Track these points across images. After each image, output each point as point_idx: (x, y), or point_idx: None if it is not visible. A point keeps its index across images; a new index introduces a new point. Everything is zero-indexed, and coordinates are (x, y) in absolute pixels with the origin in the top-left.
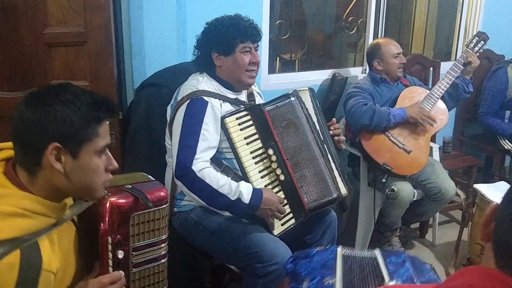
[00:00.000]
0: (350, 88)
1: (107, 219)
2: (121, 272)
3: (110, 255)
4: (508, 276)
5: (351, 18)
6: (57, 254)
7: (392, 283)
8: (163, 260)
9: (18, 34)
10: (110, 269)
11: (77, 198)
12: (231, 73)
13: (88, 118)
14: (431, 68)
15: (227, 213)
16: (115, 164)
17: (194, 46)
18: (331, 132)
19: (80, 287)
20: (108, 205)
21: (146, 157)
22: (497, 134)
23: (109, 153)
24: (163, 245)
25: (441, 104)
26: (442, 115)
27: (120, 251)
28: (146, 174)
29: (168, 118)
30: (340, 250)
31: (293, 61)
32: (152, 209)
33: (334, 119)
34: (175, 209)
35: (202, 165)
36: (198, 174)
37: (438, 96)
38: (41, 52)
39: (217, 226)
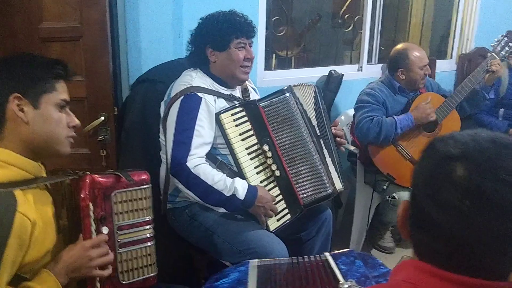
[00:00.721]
0: (362, 93)
1: (87, 189)
2: (105, 236)
3: (93, 224)
4: (438, 268)
5: (347, 15)
6: (34, 210)
7: (347, 283)
8: (149, 243)
9: (13, 28)
10: (94, 236)
11: (45, 155)
12: (226, 69)
13: (45, 72)
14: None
15: (222, 210)
16: (77, 121)
17: (188, 41)
18: (333, 131)
19: (63, 254)
20: (87, 179)
21: (142, 152)
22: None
23: (70, 112)
24: (148, 227)
25: (454, 114)
26: (454, 126)
27: (105, 227)
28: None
29: (162, 115)
30: (252, 262)
31: (289, 58)
32: (134, 188)
33: (337, 120)
34: (169, 205)
35: (197, 161)
36: (193, 170)
37: (453, 106)
38: (36, 47)
39: (212, 223)
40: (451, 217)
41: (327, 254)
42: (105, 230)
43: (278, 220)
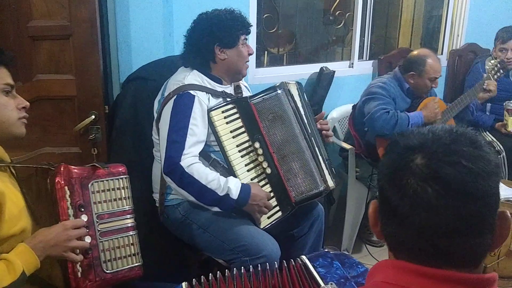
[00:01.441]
0: (374, 86)
1: (62, 176)
2: (83, 219)
3: (71, 211)
4: (413, 264)
5: (338, 12)
6: (2, 185)
7: (328, 286)
8: (131, 232)
9: (1, 27)
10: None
11: (3, 140)
12: (234, 66)
13: None
14: None
15: (215, 208)
16: (25, 102)
17: (189, 42)
18: (318, 126)
19: (42, 230)
20: (62, 167)
21: (133, 150)
22: (478, 126)
23: (18, 95)
24: (128, 216)
25: (452, 122)
26: None
27: (84, 215)
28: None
29: (155, 114)
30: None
31: (281, 55)
32: (111, 178)
33: (323, 111)
34: (163, 203)
35: (190, 160)
36: (186, 170)
37: (454, 113)
38: (25, 45)
39: (204, 220)
40: (416, 206)
41: (304, 257)
42: (84, 217)
43: (268, 218)
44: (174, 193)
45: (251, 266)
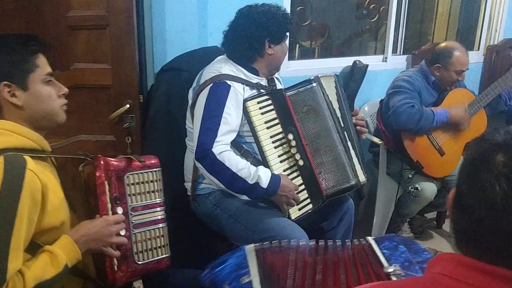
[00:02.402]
0: (399, 79)
1: (102, 170)
2: (123, 216)
3: (109, 204)
4: (476, 261)
5: (372, 5)
6: (44, 176)
7: (392, 267)
8: (161, 225)
9: (41, 16)
10: (110, 213)
11: (46, 128)
12: (277, 61)
13: (22, 53)
14: None
15: (245, 197)
16: (65, 89)
17: (235, 33)
18: (354, 120)
19: (85, 223)
20: (102, 160)
21: (165, 140)
22: None
23: (56, 82)
24: (159, 208)
25: (483, 113)
26: (481, 124)
27: (119, 208)
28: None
29: (190, 101)
30: (248, 247)
31: (313, 48)
32: (145, 171)
33: (357, 108)
34: (194, 192)
35: (222, 148)
36: (218, 157)
37: (482, 104)
38: (64, 34)
39: (235, 210)
40: (480, 201)
41: (369, 238)
42: (119, 210)
43: (299, 209)
44: (205, 183)
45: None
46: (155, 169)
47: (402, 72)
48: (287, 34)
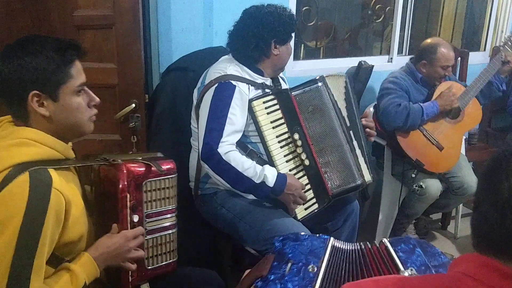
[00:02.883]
0: (385, 81)
1: (125, 179)
2: (142, 229)
3: (129, 217)
4: (499, 263)
5: (378, 6)
6: (67, 189)
7: (408, 271)
8: (171, 231)
9: (48, 16)
10: (129, 228)
11: (70, 137)
12: (282, 62)
13: (57, 63)
14: (459, 58)
15: (250, 197)
16: (97, 99)
17: (241, 34)
18: (363, 122)
19: (104, 240)
20: (124, 168)
21: (171, 139)
22: None
23: (89, 91)
24: (172, 214)
25: (476, 102)
26: (476, 113)
27: (135, 215)
28: (159, 153)
29: (195, 102)
30: (332, 240)
31: (318, 48)
32: (163, 177)
33: (367, 111)
34: (198, 191)
35: (228, 148)
36: (223, 157)
37: (473, 94)
38: (70, 34)
39: (240, 210)
40: (502, 208)
41: (385, 240)
42: (135, 218)
43: (305, 209)
44: (210, 182)
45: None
46: (172, 175)
47: (390, 74)
48: (292, 34)
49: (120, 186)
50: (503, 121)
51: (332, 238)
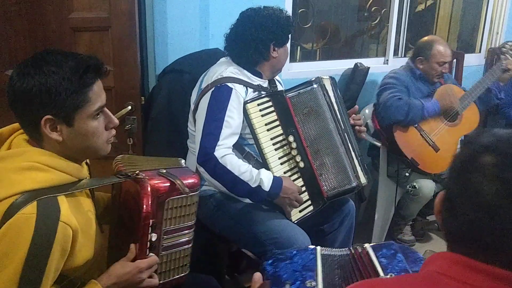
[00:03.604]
0: (386, 77)
1: (149, 202)
2: (156, 258)
3: (149, 241)
4: (472, 259)
5: (374, 8)
6: (76, 215)
7: (387, 277)
8: (187, 246)
9: (44, 18)
10: (147, 250)
11: (85, 159)
12: (280, 64)
13: (74, 86)
14: (455, 60)
15: (246, 200)
16: (116, 121)
17: (239, 36)
18: (351, 121)
19: (117, 270)
20: (149, 188)
21: (167, 141)
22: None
23: (107, 111)
24: (190, 230)
25: (474, 107)
26: (473, 118)
27: (154, 234)
28: (180, 160)
29: (193, 105)
30: (319, 250)
31: (314, 50)
32: (186, 195)
33: (356, 106)
34: None
35: (224, 151)
36: (220, 160)
37: (472, 98)
38: (66, 36)
39: (236, 212)
40: (475, 203)
41: (367, 245)
42: (154, 237)
43: (300, 211)
44: (207, 185)
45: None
46: (195, 192)
47: (390, 71)
48: (289, 36)
49: (144, 211)
50: (498, 122)
51: (318, 248)
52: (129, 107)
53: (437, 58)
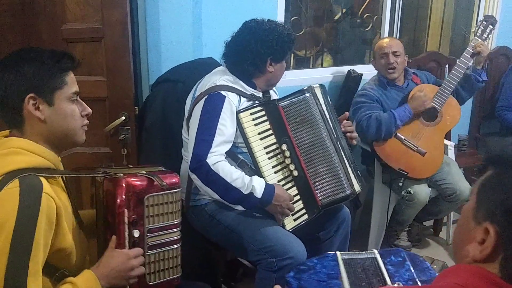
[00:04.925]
0: (356, 95)
1: (123, 194)
2: (141, 249)
3: (126, 229)
4: (501, 279)
5: (366, 15)
6: (56, 197)
7: (394, 285)
8: (176, 246)
9: (36, 30)
10: (127, 243)
11: (63, 147)
12: (275, 79)
13: (53, 69)
14: (447, 66)
15: (241, 208)
16: (89, 109)
17: (239, 47)
18: (343, 128)
19: (107, 259)
20: (124, 182)
21: (162, 151)
22: (505, 127)
23: (81, 101)
24: (176, 229)
25: (452, 100)
26: (454, 111)
27: (136, 230)
28: (160, 167)
29: (186, 113)
30: (339, 255)
31: (308, 58)
32: (166, 192)
33: (346, 113)
34: (190, 203)
35: (216, 158)
36: (212, 167)
37: (448, 92)
38: (59, 47)
39: (231, 221)
40: None
41: (375, 251)
42: (136, 233)
43: (295, 220)
44: (201, 194)
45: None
46: (176, 190)
47: (360, 87)
48: (288, 53)
49: (118, 201)
50: (492, 127)
51: (338, 253)
52: (123, 117)
53: (378, 52)
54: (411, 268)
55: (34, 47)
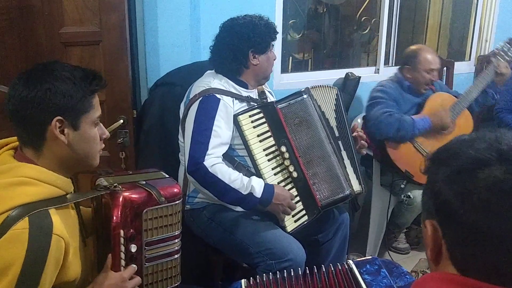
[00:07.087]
0: (374, 90)
1: (119, 212)
2: (135, 267)
3: (123, 248)
4: (472, 279)
5: (364, 18)
6: (66, 228)
7: None
8: (176, 256)
9: (34, 33)
10: (122, 262)
11: (78, 170)
12: (263, 71)
13: (84, 91)
14: (445, 68)
15: (239, 210)
16: (107, 133)
17: (219, 46)
18: (354, 134)
19: (100, 280)
20: (121, 199)
21: (160, 155)
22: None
23: (101, 125)
24: (176, 240)
25: (466, 113)
26: (467, 122)
27: (133, 245)
28: (162, 173)
29: (181, 116)
30: (243, 283)
31: (306, 61)
32: (165, 205)
33: (355, 124)
34: (187, 206)
35: (214, 160)
36: (210, 170)
37: (465, 106)
38: (57, 51)
39: (229, 223)
40: (490, 217)
41: (350, 261)
42: (133, 248)
43: (295, 221)
44: (200, 197)
45: (292, 269)
46: (176, 202)
47: (378, 83)
48: (273, 43)
49: (114, 221)
50: (490, 129)
51: (243, 281)
52: (121, 121)
53: (424, 66)
54: (387, 275)
55: (60, 63)
